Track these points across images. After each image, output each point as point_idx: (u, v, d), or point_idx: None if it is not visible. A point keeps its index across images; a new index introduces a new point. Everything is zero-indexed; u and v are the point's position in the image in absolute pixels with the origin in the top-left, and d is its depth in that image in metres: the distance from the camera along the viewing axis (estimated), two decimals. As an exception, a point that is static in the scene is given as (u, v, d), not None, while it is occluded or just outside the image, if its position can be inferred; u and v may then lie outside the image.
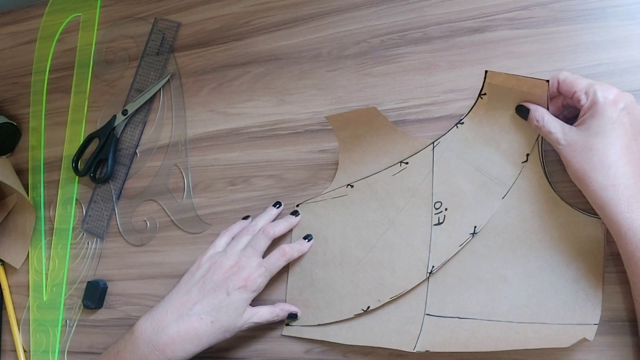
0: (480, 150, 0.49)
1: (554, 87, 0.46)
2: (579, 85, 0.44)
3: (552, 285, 0.46)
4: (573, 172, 0.43)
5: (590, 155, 0.42)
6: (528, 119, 0.47)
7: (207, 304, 0.49)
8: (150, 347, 0.48)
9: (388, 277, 0.51)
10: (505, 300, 0.47)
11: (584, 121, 0.43)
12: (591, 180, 0.42)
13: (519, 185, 0.48)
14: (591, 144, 0.42)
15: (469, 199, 0.49)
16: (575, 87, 0.44)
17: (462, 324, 0.48)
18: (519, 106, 0.47)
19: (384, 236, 0.52)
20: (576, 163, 0.43)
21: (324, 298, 0.53)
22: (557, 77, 0.45)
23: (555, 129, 0.44)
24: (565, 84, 0.45)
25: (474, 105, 0.50)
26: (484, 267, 0.48)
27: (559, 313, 0.45)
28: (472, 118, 0.50)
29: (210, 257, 0.53)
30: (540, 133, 0.46)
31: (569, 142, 0.43)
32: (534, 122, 0.46)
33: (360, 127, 0.52)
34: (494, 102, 0.48)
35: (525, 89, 0.46)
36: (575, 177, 0.43)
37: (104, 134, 0.65)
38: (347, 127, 0.52)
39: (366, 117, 0.51)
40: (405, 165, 0.52)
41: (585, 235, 0.45)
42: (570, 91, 0.44)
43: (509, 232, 0.48)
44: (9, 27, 0.75)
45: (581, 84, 0.44)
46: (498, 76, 0.47)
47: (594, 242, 0.45)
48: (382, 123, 0.52)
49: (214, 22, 0.64)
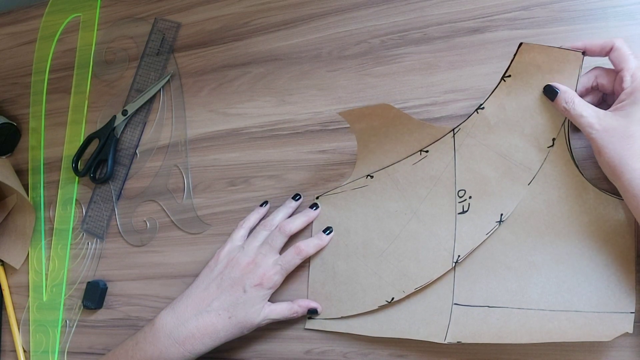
0: (504, 136, 0.48)
1: (604, 51, 0.44)
2: (630, 64, 0.42)
3: (582, 271, 0.45)
4: (608, 159, 0.41)
5: (631, 143, 0.40)
6: (556, 101, 0.45)
7: (224, 301, 0.50)
8: (171, 340, 0.50)
9: (412, 268, 0.50)
10: (535, 287, 0.46)
11: (623, 107, 0.41)
12: (628, 168, 0.40)
13: (545, 171, 0.47)
14: (632, 131, 0.40)
15: (493, 186, 0.48)
16: (626, 63, 0.42)
17: (492, 312, 0.47)
18: (547, 86, 0.45)
19: (407, 226, 0.51)
20: (612, 150, 0.41)
21: (346, 290, 0.52)
22: (614, 42, 0.43)
23: (587, 112, 0.42)
24: (617, 54, 0.43)
25: (495, 89, 0.48)
26: (512, 254, 0.47)
27: (592, 300, 0.44)
28: (493, 102, 0.48)
29: (228, 252, 0.54)
30: (569, 116, 0.44)
31: (605, 127, 0.41)
32: (563, 104, 0.44)
33: (375, 119, 0.51)
34: (518, 83, 0.47)
35: (555, 66, 0.44)
36: (609, 164, 0.41)
37: (104, 135, 0.65)
38: (361, 120, 0.51)
39: (380, 111, 0.50)
40: (426, 154, 0.51)
41: (616, 219, 0.45)
42: (619, 65, 0.42)
43: (536, 218, 0.47)
44: (8, 28, 0.75)
45: (632, 63, 0.42)
46: (531, 49, 0.45)
47: (625, 226, 0.45)
48: (397, 114, 0.51)
49: (214, 23, 0.64)
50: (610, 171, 0.42)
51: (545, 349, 0.47)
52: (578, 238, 0.46)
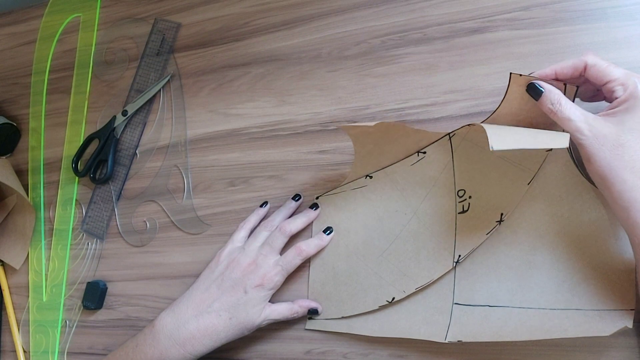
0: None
1: (578, 71, 0.42)
2: (614, 75, 0.40)
3: (582, 270, 0.45)
4: (597, 167, 0.39)
5: (622, 152, 0.38)
6: (540, 101, 0.42)
7: (225, 302, 0.50)
8: (171, 341, 0.50)
9: (413, 268, 0.50)
10: (535, 287, 0.46)
11: (615, 114, 0.39)
12: (618, 179, 0.38)
13: (545, 170, 0.47)
14: (624, 140, 0.38)
15: (493, 186, 0.48)
16: (609, 76, 0.40)
17: (493, 312, 0.47)
18: (531, 84, 0.42)
19: (408, 226, 0.51)
20: (602, 159, 0.39)
21: (347, 290, 0.53)
22: (585, 60, 0.41)
23: (575, 116, 0.40)
24: (595, 70, 0.41)
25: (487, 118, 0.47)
26: (512, 254, 0.47)
27: (592, 298, 0.44)
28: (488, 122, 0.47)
29: (229, 253, 0.54)
30: (555, 119, 0.41)
31: (595, 134, 0.39)
32: (548, 105, 0.41)
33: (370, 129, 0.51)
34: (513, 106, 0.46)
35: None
36: (598, 173, 0.39)
37: (104, 135, 0.65)
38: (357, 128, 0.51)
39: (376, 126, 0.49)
40: (423, 155, 0.51)
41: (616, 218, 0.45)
42: (602, 80, 0.40)
43: (537, 217, 0.47)
44: (8, 28, 0.75)
45: (616, 73, 0.40)
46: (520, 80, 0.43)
47: None
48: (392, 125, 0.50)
49: (214, 23, 0.64)
50: (600, 180, 0.40)
51: (546, 349, 0.47)
52: (578, 238, 0.46)
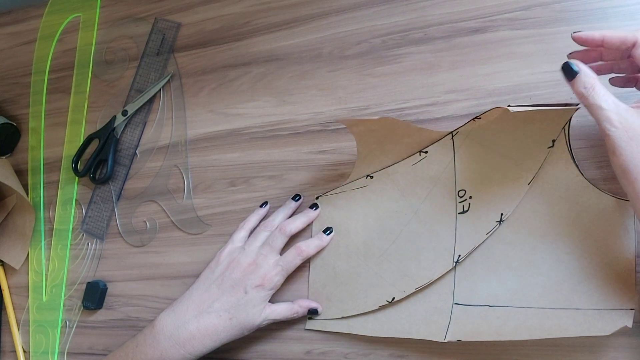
0: (503, 137, 0.48)
1: (625, 45, 0.40)
2: None
3: (583, 270, 0.45)
4: (622, 161, 0.38)
5: None
6: (573, 82, 0.40)
7: (225, 302, 0.50)
8: (172, 342, 0.50)
9: (413, 268, 0.50)
10: (535, 286, 0.46)
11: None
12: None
13: (545, 171, 0.47)
14: None
15: (493, 186, 0.48)
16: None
17: (493, 311, 0.47)
18: (565, 64, 0.40)
19: (408, 226, 0.51)
20: (630, 153, 0.37)
21: (347, 291, 0.52)
22: (637, 37, 0.39)
23: (607, 104, 0.38)
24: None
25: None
26: (513, 254, 0.48)
27: (593, 298, 0.44)
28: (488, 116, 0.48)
29: (229, 253, 0.54)
30: (585, 103, 0.39)
31: (625, 126, 0.37)
32: (580, 89, 0.39)
33: (374, 125, 0.51)
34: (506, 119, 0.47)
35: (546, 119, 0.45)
36: (622, 167, 0.38)
37: (104, 135, 0.65)
38: (360, 125, 0.51)
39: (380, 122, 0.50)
40: (425, 155, 0.51)
41: (615, 218, 0.45)
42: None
43: (537, 218, 0.47)
44: (8, 27, 0.75)
45: None
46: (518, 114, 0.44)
47: (625, 226, 0.45)
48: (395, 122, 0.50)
49: (214, 23, 0.64)
50: (623, 174, 0.38)
51: (546, 349, 0.47)
52: (578, 237, 0.46)
